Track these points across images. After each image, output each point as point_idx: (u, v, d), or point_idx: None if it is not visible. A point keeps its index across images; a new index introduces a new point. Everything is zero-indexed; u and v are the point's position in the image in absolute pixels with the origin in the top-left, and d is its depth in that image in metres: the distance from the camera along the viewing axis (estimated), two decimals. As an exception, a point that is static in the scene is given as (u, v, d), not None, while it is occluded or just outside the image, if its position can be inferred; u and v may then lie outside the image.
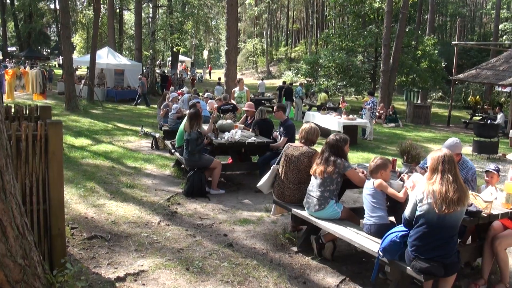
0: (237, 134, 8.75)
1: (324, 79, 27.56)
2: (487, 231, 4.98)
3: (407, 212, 4.26)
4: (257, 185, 6.28)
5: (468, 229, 5.30)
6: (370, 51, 29.52)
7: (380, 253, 4.33)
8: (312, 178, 5.47)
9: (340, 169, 5.28)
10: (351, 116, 14.43)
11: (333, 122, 14.11)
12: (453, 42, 26.39)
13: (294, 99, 21.69)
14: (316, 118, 15.36)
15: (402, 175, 5.15)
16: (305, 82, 29.93)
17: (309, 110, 21.29)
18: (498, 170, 5.39)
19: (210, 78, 48.01)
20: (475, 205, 4.41)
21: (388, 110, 21.84)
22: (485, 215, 4.41)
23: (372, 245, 4.60)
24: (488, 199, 4.41)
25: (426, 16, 37.99)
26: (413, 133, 18.96)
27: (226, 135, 8.75)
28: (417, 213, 4.09)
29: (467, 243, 5.51)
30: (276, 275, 4.98)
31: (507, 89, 22.84)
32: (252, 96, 25.94)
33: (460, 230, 5.05)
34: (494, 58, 24.54)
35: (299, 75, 31.00)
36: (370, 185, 5.03)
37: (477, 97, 25.68)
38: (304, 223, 5.71)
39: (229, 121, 9.73)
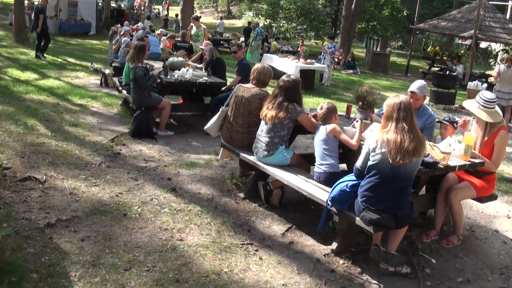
0: (188, 73, 8.27)
1: (284, 22, 26.90)
2: (442, 182, 4.84)
3: (359, 162, 4.02)
4: (204, 128, 5.91)
5: (422, 179, 5.16)
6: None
7: (329, 202, 4.10)
8: (262, 122, 5.14)
9: (292, 115, 4.96)
10: (309, 60, 14.07)
11: (291, 65, 13.73)
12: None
13: (255, 40, 21.01)
14: (273, 61, 14.94)
15: (354, 121, 4.87)
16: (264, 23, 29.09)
17: (267, 52, 20.74)
18: (453, 122, 5.20)
19: (168, 14, 46.25)
20: (432, 156, 4.21)
21: (347, 56, 21.55)
22: (442, 167, 4.22)
23: (321, 193, 4.37)
24: (446, 150, 4.20)
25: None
26: (371, 80, 18.82)
27: (176, 74, 8.27)
28: (370, 162, 3.85)
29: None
30: (220, 222, 4.73)
31: (467, 42, 22.83)
32: (210, 36, 25.12)
33: (414, 180, 4.92)
34: (456, 10, 24.39)
35: (259, 16, 30.09)
36: (322, 130, 4.75)
37: (437, 48, 25.55)
38: (253, 169, 5.42)
39: (180, 58, 9.20)
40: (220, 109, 5.73)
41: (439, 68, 20.05)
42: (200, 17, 14.60)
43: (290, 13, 26.84)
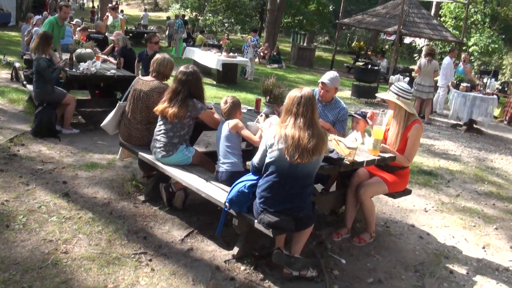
0: (94, 65, 7.67)
1: (210, 15, 26.44)
2: (351, 178, 4.61)
3: (256, 158, 3.69)
4: (101, 125, 5.38)
5: (333, 175, 4.92)
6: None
7: (227, 204, 3.74)
8: (160, 118, 4.68)
9: (192, 112, 4.53)
10: (231, 54, 13.72)
11: (213, 59, 13.33)
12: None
13: (177, 33, 20.44)
14: (196, 55, 14.51)
15: (258, 116, 4.54)
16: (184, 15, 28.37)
17: (192, 46, 20.25)
18: (365, 116, 4.99)
19: (92, 6, 44.48)
20: (337, 152, 3.94)
21: (272, 50, 21.41)
22: (348, 163, 3.96)
23: (220, 195, 3.99)
24: (351, 145, 3.93)
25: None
26: (295, 74, 18.75)
27: (82, 66, 7.64)
28: (267, 160, 3.51)
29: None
30: (113, 229, 4.25)
31: (392, 37, 23.31)
32: (134, 28, 24.27)
33: (324, 176, 4.65)
34: (380, 6, 24.86)
35: (187, 9, 29.45)
36: (225, 126, 4.37)
37: (362, 43, 26.03)
38: (154, 169, 4.97)
39: (88, 50, 8.55)
40: (117, 104, 5.23)
41: (363, 63, 20.33)
42: (117, 6, 13.96)
43: (216, 6, 26.42)
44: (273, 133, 3.49)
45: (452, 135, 10.80)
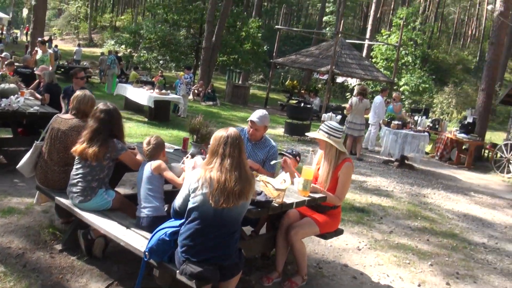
0: (17, 101, 7.23)
1: (145, 51, 26.17)
2: (281, 220, 4.45)
3: (177, 202, 3.44)
4: (16, 167, 4.98)
5: (262, 217, 4.74)
6: (195, 27, 28.77)
7: (147, 254, 3.45)
8: (77, 160, 4.34)
9: (112, 153, 4.25)
10: (164, 91, 13.49)
11: (145, 96, 13.04)
12: (276, 27, 26.88)
13: (109, 69, 20.01)
14: (128, 91, 14.19)
15: (184, 157, 4.32)
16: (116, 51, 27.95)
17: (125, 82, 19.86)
18: (295, 155, 4.89)
19: (27, 39, 43.15)
20: (266, 194, 3.77)
21: (207, 88, 21.37)
22: (277, 205, 3.79)
23: (141, 243, 3.69)
24: (280, 187, 3.78)
25: (255, -1, 38.40)
26: (230, 112, 18.71)
27: (4, 102, 7.18)
28: (190, 205, 3.27)
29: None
30: (25, 285, 3.85)
31: (325, 77, 23.88)
32: (66, 63, 23.65)
33: (253, 218, 4.47)
34: (314, 46, 25.53)
35: (122, 45, 29.03)
36: (146, 168, 4.12)
37: (295, 81, 26.48)
38: (72, 215, 4.60)
39: (12, 85, 8.09)
40: (34, 144, 4.87)
41: (296, 101, 20.66)
42: (47, 41, 13.45)
43: (151, 43, 26.22)
44: (197, 176, 3.27)
45: (384, 171, 10.96)
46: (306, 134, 5.02)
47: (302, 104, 15.08)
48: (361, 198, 8.19)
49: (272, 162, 4.76)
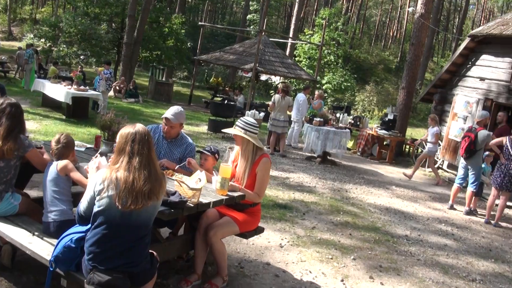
0: None
1: (64, 46, 25.02)
2: (200, 220, 4.28)
3: (82, 206, 3.15)
4: None
5: (180, 218, 4.56)
6: (116, 21, 27.87)
7: (52, 263, 3.17)
8: None
9: (19, 150, 3.89)
10: (82, 87, 12.89)
11: (62, 92, 12.39)
12: (200, 23, 26.61)
13: (26, 64, 18.97)
14: (45, 87, 13.46)
15: (93, 157, 4.05)
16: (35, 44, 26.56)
17: (44, 78, 18.91)
18: (214, 152, 4.74)
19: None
20: (180, 194, 3.59)
21: (129, 84, 20.78)
22: (192, 205, 3.62)
23: (47, 251, 3.39)
24: (195, 186, 3.61)
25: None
26: (152, 109, 18.28)
27: None
28: (95, 209, 3.01)
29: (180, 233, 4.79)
30: None
31: (249, 74, 23.93)
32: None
33: (172, 219, 4.28)
34: (238, 44, 25.49)
35: (41, 39, 27.57)
36: (52, 168, 3.81)
37: (219, 79, 26.36)
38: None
39: None
40: None
41: (221, 98, 20.56)
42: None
43: (71, 37, 25.10)
44: (102, 177, 3.02)
45: (307, 167, 11.05)
46: (223, 130, 4.90)
47: (226, 101, 14.92)
48: (283, 195, 8.17)
49: None
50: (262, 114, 14.37)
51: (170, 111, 4.61)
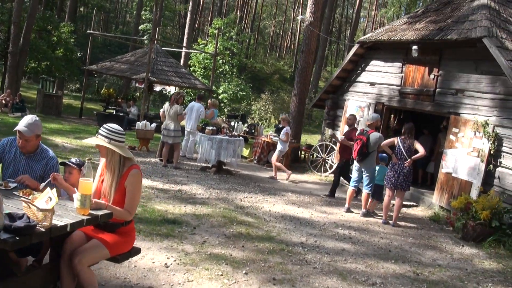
0: None
1: None
2: (64, 245, 3.70)
3: None
4: None
5: (45, 243, 3.93)
6: (3, 30, 25.74)
7: None
8: None
9: None
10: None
11: None
12: (88, 31, 25.25)
13: None
14: None
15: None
16: None
17: None
18: (80, 165, 4.18)
19: None
20: (29, 216, 3.01)
21: (15, 97, 19.22)
22: (44, 230, 3.04)
23: None
24: (45, 207, 3.04)
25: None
26: (40, 124, 16.96)
27: None
28: None
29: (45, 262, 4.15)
30: None
31: (143, 85, 23.15)
32: None
33: (34, 246, 3.66)
34: (130, 53, 24.57)
35: None
36: None
37: (111, 90, 25.19)
38: None
39: None
40: None
41: (113, 110, 19.60)
42: None
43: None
44: None
45: (201, 178, 10.62)
46: (84, 140, 4.35)
47: (114, 113, 14.13)
48: (174, 209, 7.68)
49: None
50: (154, 124, 13.77)
51: (23, 123, 4.00)
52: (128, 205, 3.82)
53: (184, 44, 29.23)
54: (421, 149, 8.52)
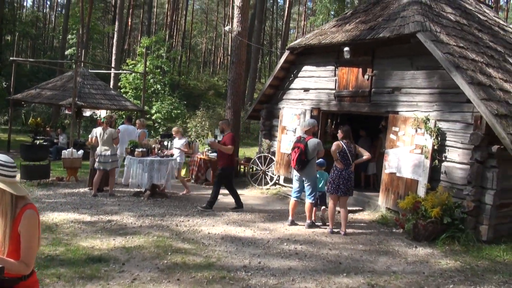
0: None
1: None
2: None
3: None
4: None
5: None
6: None
7: None
8: None
9: None
10: None
11: None
12: (11, 58, 23.78)
13: None
14: None
15: None
16: None
17: None
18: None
19: None
20: None
21: None
22: None
23: None
24: None
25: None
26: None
27: None
28: None
29: None
30: None
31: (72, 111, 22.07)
32: None
33: None
34: (56, 78, 23.42)
35: None
36: None
37: (38, 119, 23.83)
38: None
39: None
40: None
41: (42, 140, 18.42)
42: None
43: None
44: None
45: (134, 204, 9.83)
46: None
47: (38, 142, 13.11)
48: (101, 244, 6.91)
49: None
50: (81, 152, 12.88)
51: None
52: (24, 255, 3.08)
53: (113, 65, 28.30)
54: (365, 153, 8.32)
